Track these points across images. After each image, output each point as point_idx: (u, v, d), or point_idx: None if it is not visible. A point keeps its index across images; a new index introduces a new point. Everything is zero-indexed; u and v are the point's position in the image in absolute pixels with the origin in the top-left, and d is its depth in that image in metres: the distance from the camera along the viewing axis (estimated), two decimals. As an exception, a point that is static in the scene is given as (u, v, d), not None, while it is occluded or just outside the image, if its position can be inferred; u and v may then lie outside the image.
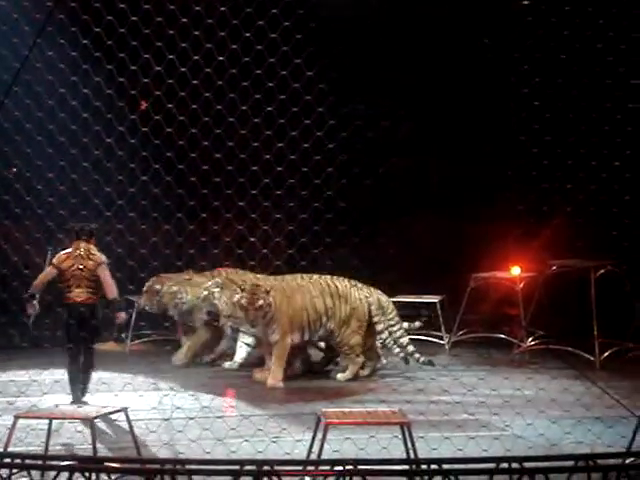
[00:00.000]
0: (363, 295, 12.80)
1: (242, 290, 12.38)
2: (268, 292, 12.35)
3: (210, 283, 13.09)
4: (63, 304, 10.76)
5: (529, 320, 13.99)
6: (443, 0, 9.08)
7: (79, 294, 10.70)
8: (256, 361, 13.00)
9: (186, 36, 8.54)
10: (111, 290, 11.03)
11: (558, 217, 11.17)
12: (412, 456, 8.23)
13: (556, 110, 9.99)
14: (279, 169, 9.13)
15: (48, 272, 10.83)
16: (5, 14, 8.71)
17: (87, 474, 7.22)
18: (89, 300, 10.73)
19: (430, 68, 8.91)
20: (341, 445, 8.97)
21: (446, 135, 9.33)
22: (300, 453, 8.76)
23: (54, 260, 10.81)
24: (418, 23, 8.72)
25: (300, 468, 7.48)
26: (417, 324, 13.56)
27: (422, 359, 12.87)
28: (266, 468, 7.27)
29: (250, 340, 12.85)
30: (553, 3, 9.70)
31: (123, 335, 14.14)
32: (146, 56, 8.47)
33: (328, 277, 12.82)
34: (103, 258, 10.79)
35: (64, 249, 10.88)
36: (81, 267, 10.67)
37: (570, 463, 7.52)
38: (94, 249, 10.83)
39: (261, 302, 12.24)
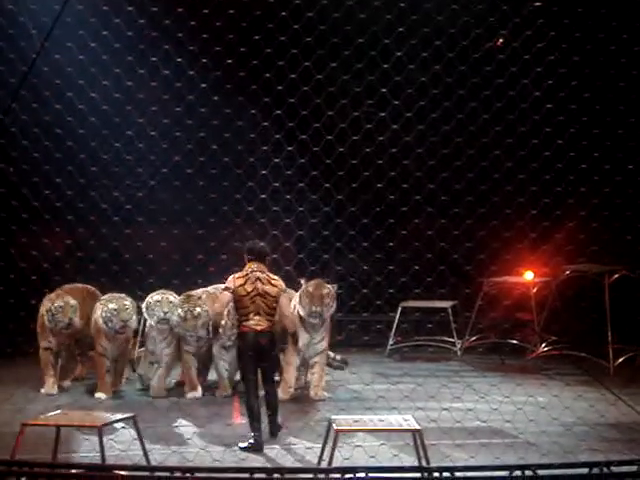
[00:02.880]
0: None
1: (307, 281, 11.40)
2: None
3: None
4: (239, 333, 9.89)
5: (542, 325, 13.92)
6: (454, 1, 9.03)
7: (259, 322, 9.70)
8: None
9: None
10: (292, 321, 10.65)
11: (572, 221, 11.08)
12: (424, 464, 8.16)
13: (569, 113, 9.90)
14: (288, 173, 9.09)
15: (225, 296, 9.85)
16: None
17: (95, 482, 7.20)
18: (269, 329, 9.78)
19: (440, 70, 8.85)
20: (352, 452, 8.91)
21: (458, 138, 9.25)
22: (311, 461, 8.71)
23: (229, 284, 9.76)
24: (427, 23, 8.68)
25: (311, 476, 7.43)
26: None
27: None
28: (276, 476, 7.24)
29: None
30: (565, 5, 9.65)
31: None
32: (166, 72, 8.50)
33: None
34: (283, 284, 9.97)
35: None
36: (262, 293, 9.72)
37: (585, 471, 7.48)
38: (270, 273, 9.88)
39: (327, 300, 11.52)
